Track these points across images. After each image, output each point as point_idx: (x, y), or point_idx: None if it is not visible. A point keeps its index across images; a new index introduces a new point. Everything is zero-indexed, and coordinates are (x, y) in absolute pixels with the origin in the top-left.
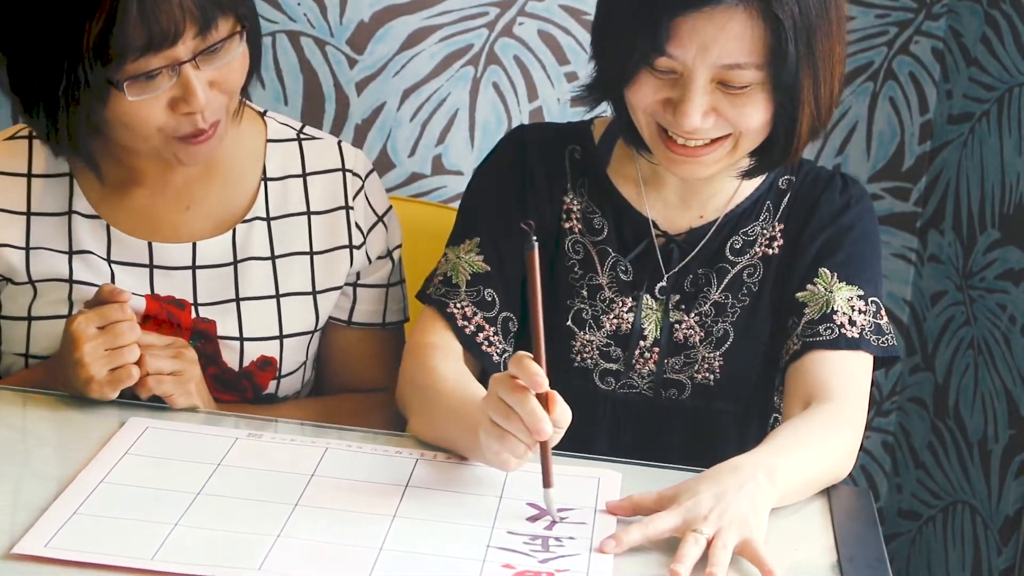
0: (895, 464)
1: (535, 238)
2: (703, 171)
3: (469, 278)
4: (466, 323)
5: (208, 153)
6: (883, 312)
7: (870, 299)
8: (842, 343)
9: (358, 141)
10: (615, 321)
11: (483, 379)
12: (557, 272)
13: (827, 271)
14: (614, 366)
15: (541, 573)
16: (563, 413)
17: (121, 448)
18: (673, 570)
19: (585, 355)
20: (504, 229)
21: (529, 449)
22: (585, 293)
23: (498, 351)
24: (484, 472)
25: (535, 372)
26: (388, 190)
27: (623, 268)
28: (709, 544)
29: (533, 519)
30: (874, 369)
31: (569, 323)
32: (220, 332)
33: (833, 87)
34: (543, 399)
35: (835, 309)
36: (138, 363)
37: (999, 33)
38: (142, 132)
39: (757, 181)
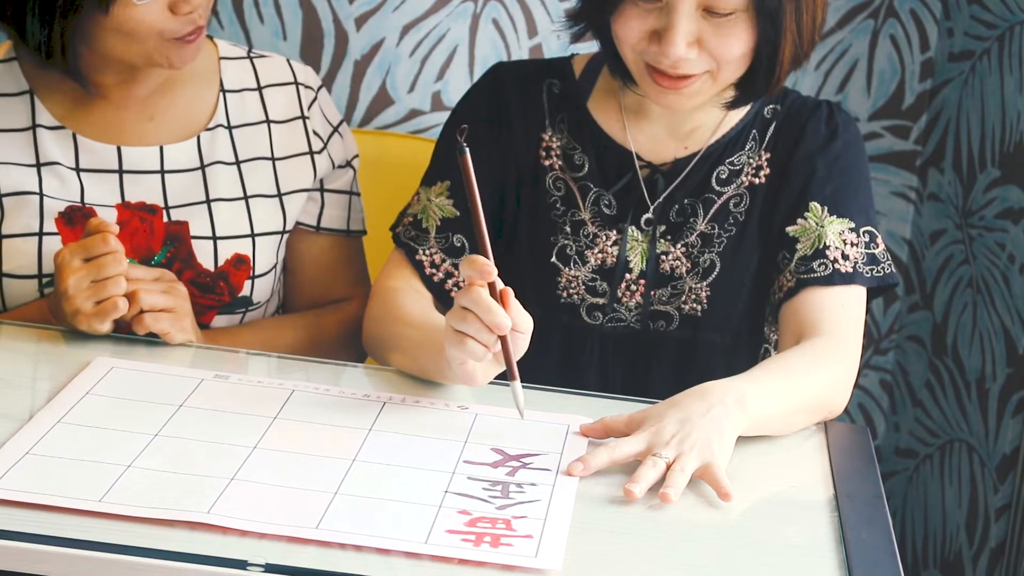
0: (893, 402)
1: (464, 144)
2: (688, 103)
3: (439, 223)
4: (435, 271)
5: (194, 53)
6: (878, 240)
7: (862, 230)
8: (836, 279)
9: (357, 77)
10: (600, 255)
11: None
12: (539, 209)
13: (817, 205)
14: (600, 300)
15: (497, 520)
16: (519, 311)
17: (83, 388)
18: (627, 489)
19: (571, 291)
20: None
21: (488, 349)
22: (568, 229)
23: None
24: (451, 417)
25: (483, 263)
26: (387, 126)
27: (606, 202)
28: (669, 468)
29: (496, 464)
30: (872, 298)
31: (554, 260)
32: (193, 232)
33: (816, 14)
34: (501, 301)
35: (827, 244)
36: (131, 300)
37: None
38: (143, 37)
39: (743, 111)
